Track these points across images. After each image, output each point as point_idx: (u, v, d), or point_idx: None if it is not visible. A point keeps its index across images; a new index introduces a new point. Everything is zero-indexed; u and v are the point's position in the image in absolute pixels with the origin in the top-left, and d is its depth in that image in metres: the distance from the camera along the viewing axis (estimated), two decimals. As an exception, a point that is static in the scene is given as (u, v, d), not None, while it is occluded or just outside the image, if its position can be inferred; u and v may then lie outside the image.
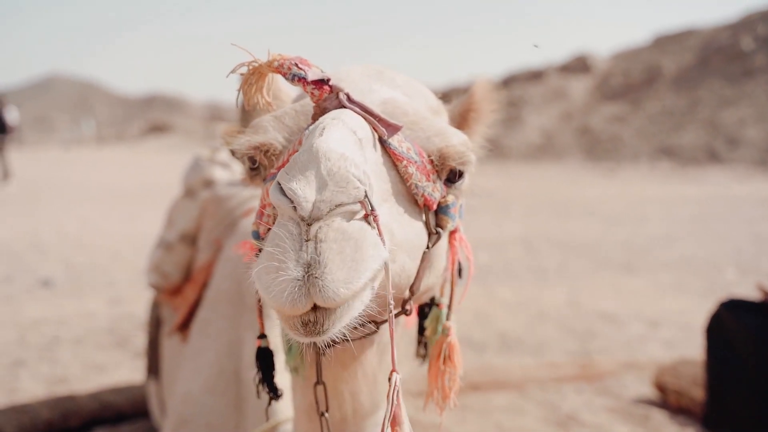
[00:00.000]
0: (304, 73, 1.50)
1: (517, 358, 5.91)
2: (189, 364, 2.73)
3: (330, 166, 1.24)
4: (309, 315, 1.25)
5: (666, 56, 37.74)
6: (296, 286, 1.20)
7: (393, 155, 1.53)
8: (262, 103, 1.63)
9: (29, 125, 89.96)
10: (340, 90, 1.50)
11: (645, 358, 5.77)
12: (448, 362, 1.77)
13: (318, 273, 1.20)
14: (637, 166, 27.31)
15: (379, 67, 1.81)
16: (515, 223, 13.63)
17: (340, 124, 1.36)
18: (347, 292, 1.21)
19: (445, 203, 1.63)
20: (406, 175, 1.54)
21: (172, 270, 3.21)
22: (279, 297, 1.21)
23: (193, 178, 3.42)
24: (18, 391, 5.16)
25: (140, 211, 15.04)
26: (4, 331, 6.57)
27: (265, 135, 1.61)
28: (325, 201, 1.22)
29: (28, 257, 10.05)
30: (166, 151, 43.45)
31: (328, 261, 1.20)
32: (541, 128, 34.58)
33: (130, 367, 5.73)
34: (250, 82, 1.61)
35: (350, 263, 1.22)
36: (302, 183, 1.23)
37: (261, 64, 1.57)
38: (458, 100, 1.94)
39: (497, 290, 8.22)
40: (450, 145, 1.60)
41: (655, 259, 10.14)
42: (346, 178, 1.24)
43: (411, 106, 1.66)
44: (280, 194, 1.25)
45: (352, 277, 1.22)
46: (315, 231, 1.22)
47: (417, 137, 1.60)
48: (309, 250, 1.21)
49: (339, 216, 1.24)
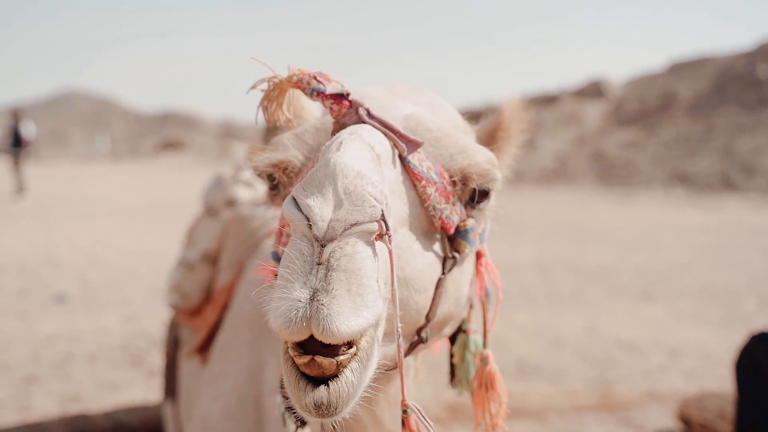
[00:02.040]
0: (323, 87, 1.46)
1: (535, 385, 5.82)
2: (208, 389, 2.67)
3: (347, 183, 1.19)
4: (322, 395, 1.20)
5: (682, 83, 37.66)
6: (298, 308, 1.14)
7: (412, 174, 1.48)
8: (283, 120, 1.60)
9: (45, 140, 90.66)
10: (359, 105, 1.46)
11: (666, 388, 5.67)
12: (491, 390, 1.72)
13: (325, 301, 1.14)
14: (650, 192, 27.16)
15: (403, 85, 1.78)
16: (529, 247, 13.54)
17: (357, 139, 1.31)
18: (348, 330, 1.14)
19: (464, 227, 1.57)
20: (425, 195, 1.49)
21: (193, 290, 3.16)
22: (277, 317, 1.15)
23: (214, 196, 3.37)
24: (31, 408, 5.12)
25: (154, 227, 15.05)
26: (18, 346, 6.54)
27: (285, 152, 1.58)
28: (340, 221, 1.17)
29: (42, 272, 10.04)
30: (179, 168, 43.61)
31: (336, 293, 1.15)
32: (554, 152, 34.50)
33: (143, 385, 5.67)
34: (271, 97, 1.58)
35: (356, 299, 1.16)
36: (319, 200, 1.19)
37: (281, 80, 1.54)
38: (486, 119, 1.89)
39: (513, 315, 8.13)
40: (474, 163, 1.55)
41: (673, 287, 10.02)
42: (362, 197, 1.19)
43: (434, 123, 1.61)
44: (295, 208, 1.20)
45: (355, 316, 1.15)
46: (327, 254, 1.16)
47: (440, 155, 1.56)
48: (319, 275, 1.16)
49: (354, 236, 1.19)
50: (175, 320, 3.56)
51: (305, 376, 1.22)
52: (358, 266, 1.17)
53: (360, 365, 1.23)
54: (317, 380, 1.22)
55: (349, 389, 1.21)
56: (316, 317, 1.13)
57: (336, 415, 1.22)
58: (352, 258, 1.17)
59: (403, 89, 1.73)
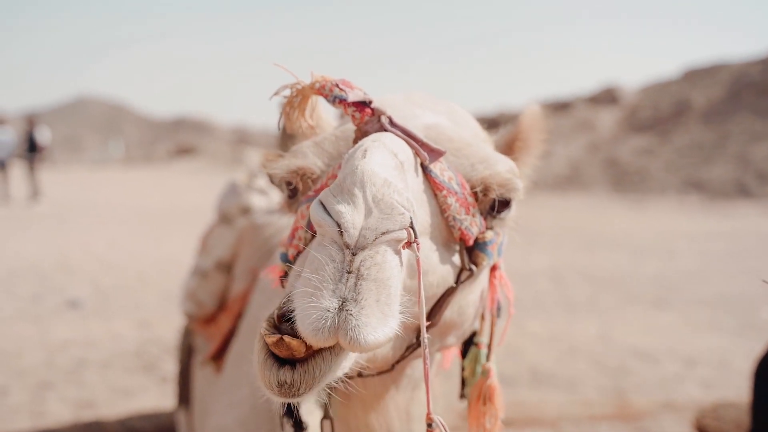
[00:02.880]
0: (345, 95, 1.46)
1: (549, 394, 5.79)
2: (222, 398, 2.67)
3: (375, 191, 1.19)
4: (286, 375, 1.20)
5: (696, 90, 37.50)
6: (326, 317, 1.14)
7: (433, 183, 1.48)
8: (305, 126, 1.60)
9: (59, 145, 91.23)
10: (382, 113, 1.46)
11: (682, 398, 5.63)
12: (489, 404, 1.71)
13: (354, 311, 1.14)
14: (664, 199, 27.03)
15: (423, 94, 1.77)
16: (543, 254, 13.50)
17: (381, 147, 1.31)
18: (375, 341, 1.14)
19: (483, 239, 1.56)
20: (445, 205, 1.48)
21: (207, 298, 3.16)
22: (306, 325, 1.15)
23: (229, 204, 3.37)
24: (45, 414, 5.13)
25: (167, 233, 15.10)
26: (33, 352, 6.56)
27: (304, 159, 1.58)
28: (370, 229, 1.17)
29: (56, 277, 10.09)
30: (192, 173, 43.79)
31: (365, 303, 1.15)
32: (568, 159, 34.41)
33: (156, 392, 5.68)
34: (293, 104, 1.58)
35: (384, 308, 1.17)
36: (350, 207, 1.18)
37: (304, 86, 1.54)
38: (505, 128, 1.89)
39: (527, 323, 8.09)
40: (495, 173, 1.55)
41: (687, 294, 9.95)
42: (391, 205, 1.19)
43: (456, 132, 1.61)
44: (325, 213, 1.20)
45: (382, 326, 1.16)
46: (358, 263, 1.16)
47: (461, 164, 1.55)
48: (349, 284, 1.15)
49: (384, 244, 1.19)
50: (188, 328, 3.56)
51: (274, 356, 1.23)
52: (387, 276, 1.18)
53: (333, 355, 1.23)
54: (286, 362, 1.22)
55: (315, 373, 1.21)
56: (344, 327, 1.13)
57: (298, 397, 1.22)
58: (381, 267, 1.17)
59: (422, 98, 1.73)
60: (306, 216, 1.51)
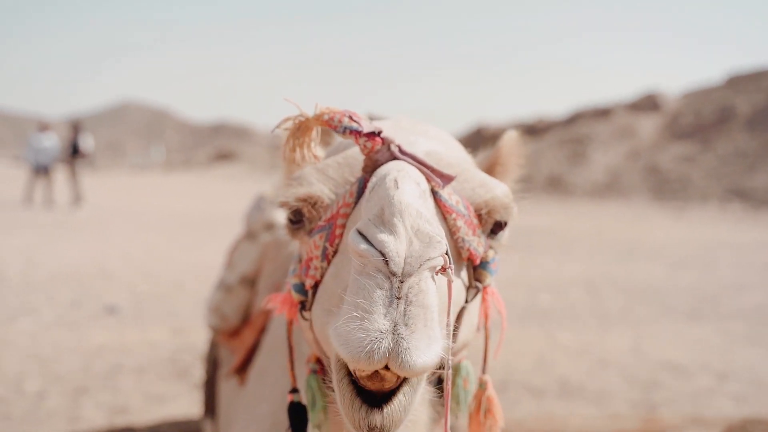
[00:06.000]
0: (358, 126, 1.51)
1: (577, 406, 5.77)
2: (244, 413, 2.73)
3: (412, 221, 1.26)
4: (376, 417, 1.27)
5: (739, 96, 36.85)
6: (380, 339, 1.19)
7: (443, 207, 1.53)
8: (309, 157, 1.65)
9: (102, 151, 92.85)
10: (391, 142, 1.52)
11: (712, 412, 5.56)
12: (489, 415, 1.75)
13: (405, 335, 1.20)
14: (706, 207, 26.62)
15: (407, 119, 1.84)
16: (577, 263, 13.40)
17: (407, 177, 1.37)
18: (423, 364, 1.20)
19: (486, 258, 1.63)
20: (455, 228, 1.54)
21: (231, 312, 3.23)
22: (356, 346, 1.20)
23: (254, 219, 3.43)
24: (80, 419, 5.26)
25: (203, 239, 15.30)
26: (70, 357, 6.72)
27: (311, 187, 1.62)
28: (414, 257, 1.23)
29: (94, 283, 10.29)
30: (231, 178, 44.27)
31: (415, 327, 1.21)
32: (606, 166, 34.06)
33: (188, 398, 5.79)
34: (297, 135, 1.63)
35: (430, 332, 1.23)
36: (392, 237, 1.24)
37: (308, 119, 1.59)
38: (485, 153, 1.95)
39: (558, 334, 8.06)
40: (495, 197, 1.61)
41: (724, 306, 9.80)
42: (428, 234, 1.26)
43: (453, 158, 1.67)
44: (367, 243, 1.25)
45: (429, 350, 1.22)
46: (406, 289, 1.22)
47: (462, 189, 1.61)
48: (399, 309, 1.21)
49: (426, 271, 1.25)
50: (214, 340, 3.63)
51: (360, 396, 1.30)
52: (431, 301, 1.24)
53: (411, 389, 1.31)
54: (371, 399, 1.29)
55: (400, 412, 1.29)
56: (396, 350, 1.19)
57: None
58: (426, 294, 1.24)
59: (410, 123, 1.80)
60: (320, 246, 1.56)
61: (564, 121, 42.80)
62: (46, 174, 22.88)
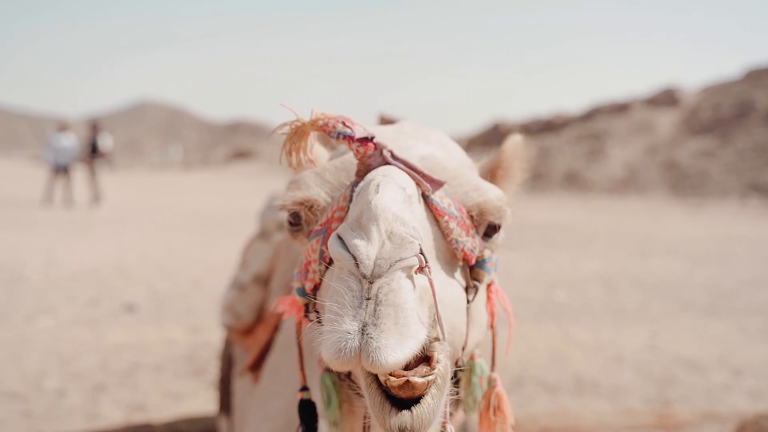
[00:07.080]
0: (351, 131, 1.56)
1: (592, 402, 5.77)
2: (258, 410, 2.76)
3: (387, 225, 1.30)
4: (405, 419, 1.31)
5: (759, 90, 36.52)
6: (347, 340, 1.24)
7: (435, 211, 1.57)
8: (305, 161, 1.70)
9: (121, 149, 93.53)
10: (384, 147, 1.56)
11: (727, 408, 5.55)
12: (499, 413, 1.78)
13: (374, 334, 1.24)
14: (725, 202, 26.44)
15: (411, 124, 1.88)
16: (595, 259, 13.37)
17: (391, 182, 1.42)
18: (394, 361, 1.24)
19: (482, 258, 1.67)
20: (447, 230, 1.58)
21: (245, 311, 3.27)
22: (328, 348, 1.26)
23: (267, 218, 3.48)
24: (98, 416, 5.33)
25: (220, 237, 15.39)
26: (89, 355, 6.80)
27: (308, 191, 1.66)
28: (384, 258, 1.28)
29: (113, 282, 10.39)
30: (248, 176, 44.45)
31: (384, 327, 1.25)
32: (624, 162, 33.89)
33: (205, 396, 5.84)
34: (293, 140, 1.67)
35: (403, 330, 1.26)
36: (364, 242, 1.29)
37: (304, 123, 1.63)
38: (489, 157, 1.98)
39: (573, 330, 8.06)
40: (488, 200, 1.66)
41: (742, 302, 9.75)
42: (401, 236, 1.30)
43: (449, 162, 1.72)
44: (342, 248, 1.31)
45: (401, 347, 1.25)
46: (376, 290, 1.27)
47: (456, 192, 1.65)
48: (368, 310, 1.26)
49: (398, 271, 1.29)
50: (229, 338, 3.68)
51: (389, 400, 1.34)
52: (403, 300, 1.28)
53: (438, 391, 1.36)
54: (399, 403, 1.33)
55: (429, 414, 1.33)
56: (366, 350, 1.24)
57: None
58: (398, 292, 1.28)
59: (412, 128, 1.83)
60: (317, 250, 1.61)
61: (581, 116, 42.65)
62: (65, 173, 23.10)
